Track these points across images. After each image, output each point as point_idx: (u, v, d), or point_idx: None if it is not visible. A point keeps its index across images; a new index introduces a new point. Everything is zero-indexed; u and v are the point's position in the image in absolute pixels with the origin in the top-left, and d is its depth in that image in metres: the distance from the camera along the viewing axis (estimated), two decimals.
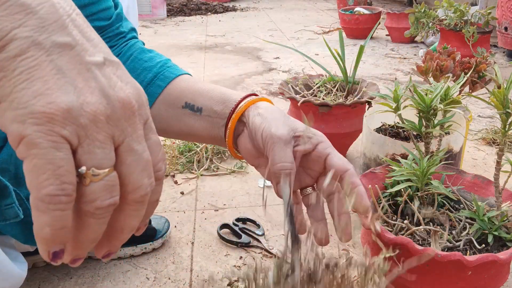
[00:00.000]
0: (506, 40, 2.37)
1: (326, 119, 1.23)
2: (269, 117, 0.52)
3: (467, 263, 0.62)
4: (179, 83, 0.63)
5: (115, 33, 0.66)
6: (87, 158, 0.28)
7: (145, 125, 0.32)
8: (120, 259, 0.92)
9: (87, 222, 0.29)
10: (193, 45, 2.93)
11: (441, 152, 0.78)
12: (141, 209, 0.31)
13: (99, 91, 0.29)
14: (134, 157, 0.30)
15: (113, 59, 0.31)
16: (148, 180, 0.31)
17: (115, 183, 0.29)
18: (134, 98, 0.31)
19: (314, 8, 4.46)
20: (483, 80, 1.07)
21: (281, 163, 0.49)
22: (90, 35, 0.31)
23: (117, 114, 0.29)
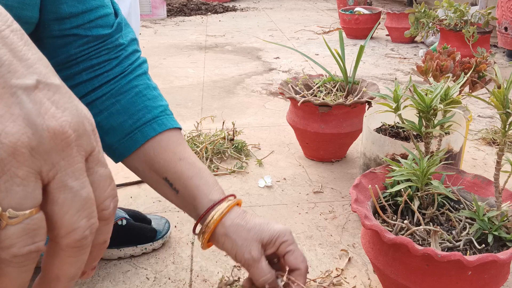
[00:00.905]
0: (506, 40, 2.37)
1: (326, 119, 1.23)
2: (237, 240, 0.58)
3: (467, 263, 0.62)
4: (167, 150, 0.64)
5: (114, 45, 0.64)
6: (4, 197, 0.24)
7: (90, 157, 0.28)
8: (120, 259, 0.92)
9: (5, 271, 0.25)
10: (193, 45, 2.93)
11: (441, 152, 0.78)
12: (79, 255, 0.28)
13: (23, 119, 0.25)
14: (68, 195, 0.26)
15: (50, 81, 0.27)
16: (86, 221, 0.27)
17: (38, 226, 0.25)
18: (71, 127, 0.27)
19: (314, 8, 4.46)
20: (483, 80, 1.07)
21: (262, 279, 0.57)
22: (25, 54, 0.27)
23: (45, 146, 0.25)
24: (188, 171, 0.63)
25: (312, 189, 1.19)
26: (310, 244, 0.97)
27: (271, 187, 1.21)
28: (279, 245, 0.59)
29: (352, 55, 2.50)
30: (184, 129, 1.52)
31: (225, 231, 0.59)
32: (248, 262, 0.57)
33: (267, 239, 0.58)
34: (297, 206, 1.12)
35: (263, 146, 1.45)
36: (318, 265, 0.91)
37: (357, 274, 0.88)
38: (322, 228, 1.03)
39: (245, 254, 0.57)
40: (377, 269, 0.75)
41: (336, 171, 1.29)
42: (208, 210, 0.60)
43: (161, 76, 2.17)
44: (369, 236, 0.76)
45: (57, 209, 0.26)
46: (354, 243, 0.97)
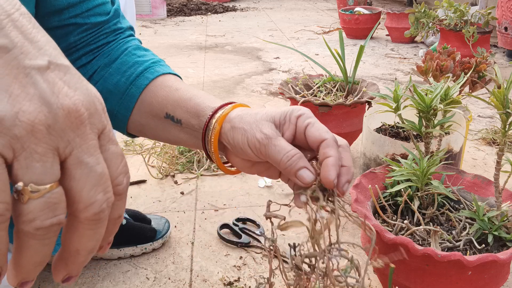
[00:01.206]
0: (506, 40, 2.37)
1: (326, 119, 1.23)
2: (246, 127, 0.49)
3: (467, 263, 0.62)
4: (163, 87, 0.61)
5: (112, 29, 0.66)
6: (24, 173, 0.25)
7: (101, 135, 0.29)
8: (120, 259, 0.92)
9: (28, 243, 0.27)
10: (193, 45, 2.93)
11: (441, 152, 0.78)
12: (97, 228, 0.28)
13: (38, 98, 0.26)
14: (84, 171, 0.27)
15: (61, 62, 0.28)
16: (103, 195, 0.28)
17: (58, 200, 0.26)
18: (83, 105, 0.28)
19: (314, 8, 4.46)
20: (483, 80, 1.07)
21: (285, 155, 0.46)
22: (35, 37, 0.28)
23: (61, 124, 0.26)
24: (185, 95, 0.58)
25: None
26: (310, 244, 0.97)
27: (271, 187, 1.21)
28: (296, 120, 0.48)
29: (352, 55, 2.50)
30: None
31: (231, 125, 0.51)
32: (263, 142, 0.47)
33: (279, 117, 0.48)
34: None
35: None
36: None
37: None
38: None
39: (257, 134, 0.47)
40: (377, 269, 0.75)
41: None
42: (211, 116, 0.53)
43: None
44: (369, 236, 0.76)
45: (75, 184, 0.27)
46: (354, 243, 0.97)
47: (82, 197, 0.27)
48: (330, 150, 0.45)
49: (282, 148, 0.46)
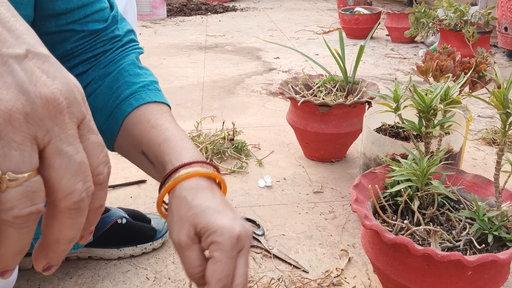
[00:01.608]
0: (506, 40, 2.37)
1: (326, 119, 1.23)
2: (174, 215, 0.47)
3: (467, 263, 0.62)
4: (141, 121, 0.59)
5: (109, 37, 0.64)
6: (2, 161, 0.25)
7: (81, 124, 0.29)
8: (120, 259, 0.92)
9: (7, 232, 0.26)
10: (193, 45, 2.93)
11: (441, 152, 0.78)
12: (77, 218, 0.28)
13: (16, 86, 0.26)
14: (63, 160, 0.27)
15: (39, 51, 0.28)
16: (82, 185, 0.28)
17: (37, 189, 0.26)
18: (62, 94, 0.28)
19: (314, 8, 4.46)
20: (483, 80, 1.07)
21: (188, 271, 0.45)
22: (13, 25, 0.28)
23: (39, 112, 0.26)
24: (158, 138, 0.56)
25: (312, 189, 1.19)
26: (310, 244, 0.97)
27: (271, 187, 1.21)
28: (209, 243, 0.44)
29: (352, 55, 2.50)
30: (184, 129, 1.52)
31: (170, 202, 0.49)
32: (175, 246, 0.46)
33: (200, 228, 0.45)
34: (297, 206, 1.12)
35: (263, 146, 1.45)
36: (318, 265, 0.91)
37: (357, 274, 0.88)
38: (322, 228, 1.03)
39: (174, 234, 0.46)
40: (377, 269, 0.75)
41: (336, 171, 1.29)
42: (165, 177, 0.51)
43: (161, 76, 2.17)
44: (369, 236, 0.76)
45: (54, 173, 0.27)
46: (354, 243, 0.97)
47: (61, 186, 0.27)
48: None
49: (189, 261, 0.45)
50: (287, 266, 0.90)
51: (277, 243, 0.97)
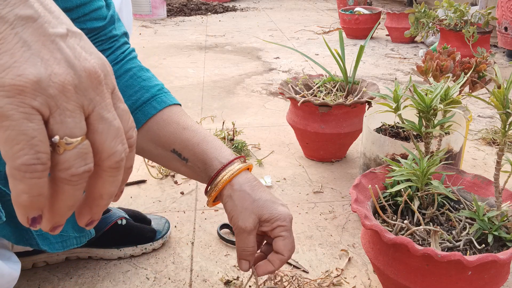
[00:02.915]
0: (506, 40, 2.37)
1: (326, 119, 1.23)
2: (239, 205, 0.60)
3: (467, 263, 0.62)
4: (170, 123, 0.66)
5: (108, 36, 0.66)
6: (59, 127, 0.29)
7: (112, 94, 0.33)
8: (120, 259, 0.92)
9: (63, 189, 0.30)
10: (193, 45, 2.93)
11: (441, 152, 0.78)
12: (117, 175, 0.32)
13: (65, 62, 0.29)
14: (105, 125, 0.31)
15: (75, 30, 0.32)
16: (121, 146, 0.32)
17: (88, 150, 0.30)
18: (99, 68, 0.31)
19: (314, 8, 4.46)
20: (483, 80, 1.07)
21: (244, 250, 0.60)
22: (51, 7, 0.31)
23: (84, 84, 0.30)
24: (193, 138, 0.64)
25: (312, 189, 1.19)
26: (310, 244, 0.97)
27: (271, 187, 1.21)
28: (275, 227, 0.60)
29: (352, 55, 2.50)
30: None
31: (230, 194, 0.61)
32: (240, 230, 0.59)
33: (266, 217, 0.60)
34: (297, 206, 1.12)
35: (263, 146, 1.45)
36: (318, 265, 0.91)
37: (357, 274, 0.88)
38: (322, 228, 1.03)
39: (240, 222, 0.59)
40: (377, 269, 0.75)
41: (336, 171, 1.29)
42: (218, 171, 0.62)
43: (161, 76, 2.17)
44: (369, 236, 0.76)
45: (98, 137, 0.31)
46: (354, 243, 0.97)
47: (105, 148, 0.31)
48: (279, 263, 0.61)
49: (248, 243, 0.60)
50: (287, 266, 0.90)
51: None
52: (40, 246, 0.69)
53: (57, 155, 0.29)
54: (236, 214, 0.60)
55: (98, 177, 0.32)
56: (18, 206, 0.29)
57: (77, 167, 0.29)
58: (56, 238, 0.72)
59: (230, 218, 0.61)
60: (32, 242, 0.68)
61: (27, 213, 0.29)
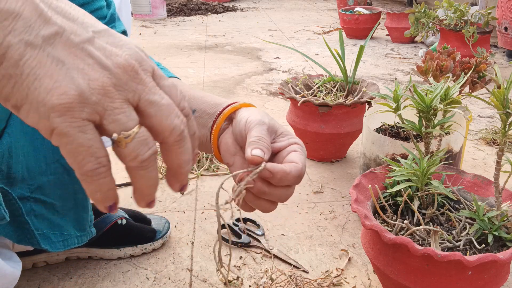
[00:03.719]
0: (506, 40, 2.37)
1: (326, 119, 1.23)
2: (256, 113, 0.54)
3: (467, 263, 0.62)
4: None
5: None
6: (114, 126, 0.31)
7: (154, 75, 0.34)
8: (120, 259, 0.92)
9: (140, 174, 0.33)
10: (193, 45, 2.93)
11: (441, 152, 0.78)
12: (185, 145, 0.35)
13: (98, 65, 0.31)
14: (156, 107, 0.33)
15: (100, 28, 0.33)
16: (178, 119, 0.34)
17: (146, 136, 0.32)
18: (132, 58, 0.32)
19: (314, 8, 4.46)
20: (483, 80, 1.07)
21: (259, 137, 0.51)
22: (74, 15, 0.32)
23: (123, 79, 0.31)
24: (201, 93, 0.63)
25: (312, 189, 1.19)
26: (310, 244, 0.97)
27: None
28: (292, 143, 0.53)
29: (352, 55, 2.50)
30: None
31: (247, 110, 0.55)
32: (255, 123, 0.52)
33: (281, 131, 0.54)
34: (297, 206, 1.12)
35: None
36: (318, 265, 0.91)
37: (357, 274, 0.88)
38: (322, 228, 1.03)
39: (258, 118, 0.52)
40: (377, 269, 0.75)
41: (336, 171, 1.29)
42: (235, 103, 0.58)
43: None
44: (369, 236, 0.76)
45: (154, 119, 0.33)
46: (354, 243, 0.97)
47: (164, 127, 0.33)
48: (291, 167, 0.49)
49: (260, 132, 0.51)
50: (287, 266, 0.90)
51: (277, 243, 0.97)
52: (42, 245, 0.69)
53: (121, 149, 0.32)
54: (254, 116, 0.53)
55: (170, 152, 0.34)
56: (95, 201, 0.33)
57: (142, 154, 0.32)
58: (58, 237, 0.72)
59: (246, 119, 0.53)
60: (34, 242, 0.68)
61: (104, 205, 0.33)
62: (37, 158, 0.67)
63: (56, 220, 0.72)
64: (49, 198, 0.70)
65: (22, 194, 0.66)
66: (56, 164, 0.70)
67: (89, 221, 0.79)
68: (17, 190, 0.65)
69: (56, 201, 0.71)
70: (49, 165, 0.69)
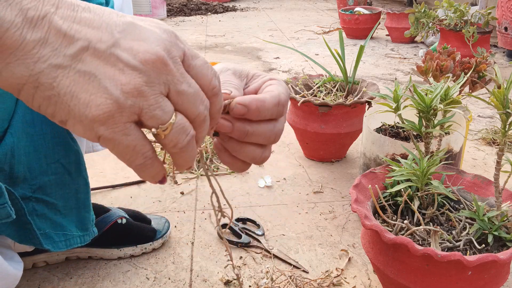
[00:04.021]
0: (506, 40, 2.37)
1: (326, 119, 1.23)
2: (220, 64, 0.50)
3: (467, 263, 0.62)
4: None
5: None
6: (152, 122, 0.33)
7: (184, 57, 0.35)
8: (120, 259, 0.92)
9: (182, 155, 0.36)
10: (193, 45, 2.92)
11: (441, 152, 0.78)
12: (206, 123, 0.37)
13: (127, 67, 0.32)
14: (183, 97, 0.34)
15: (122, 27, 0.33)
16: (202, 106, 0.35)
17: (183, 123, 0.34)
18: (159, 49, 0.33)
19: (314, 8, 4.46)
20: (483, 80, 1.07)
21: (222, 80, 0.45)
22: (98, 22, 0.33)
23: (153, 75, 0.32)
24: None
25: (312, 189, 1.19)
26: (310, 244, 0.97)
27: (271, 187, 1.21)
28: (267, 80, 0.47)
29: (352, 55, 2.50)
30: None
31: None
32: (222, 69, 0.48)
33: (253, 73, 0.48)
34: (297, 206, 1.12)
35: None
36: (318, 265, 0.91)
37: (357, 274, 0.88)
38: (322, 228, 1.03)
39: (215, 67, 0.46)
40: (377, 269, 0.75)
41: (336, 171, 1.29)
42: None
43: None
44: (369, 236, 0.76)
45: (182, 107, 0.34)
46: (354, 243, 0.97)
47: (190, 114, 0.35)
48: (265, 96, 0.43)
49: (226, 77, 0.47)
50: (287, 266, 0.90)
51: (277, 243, 0.97)
52: (44, 245, 0.69)
53: (162, 140, 0.34)
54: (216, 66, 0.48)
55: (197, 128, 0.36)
56: (149, 181, 0.36)
57: (182, 141, 0.34)
58: (60, 237, 0.72)
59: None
60: (36, 241, 0.69)
61: (154, 182, 0.37)
62: (38, 158, 0.68)
63: (58, 220, 0.72)
64: (50, 198, 0.70)
65: (24, 194, 0.67)
66: (57, 164, 0.70)
67: (91, 220, 0.79)
68: (19, 190, 0.66)
69: (58, 201, 0.71)
70: (50, 165, 0.69)
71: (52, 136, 0.68)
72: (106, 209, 0.94)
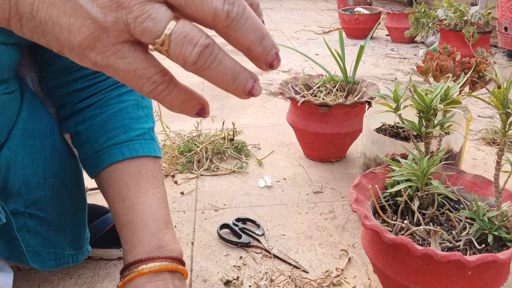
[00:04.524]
0: (506, 40, 2.37)
1: (326, 119, 1.23)
2: None
3: (467, 263, 0.62)
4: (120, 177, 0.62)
5: None
6: (145, 37, 0.27)
7: None
8: (120, 259, 0.92)
9: (207, 74, 0.28)
10: None
11: (441, 152, 0.78)
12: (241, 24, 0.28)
13: None
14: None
15: None
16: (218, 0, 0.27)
17: (184, 31, 0.27)
18: None
19: (314, 8, 4.46)
20: (483, 80, 1.07)
21: None
22: None
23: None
24: (122, 217, 0.61)
25: (312, 189, 1.19)
26: (310, 244, 0.97)
27: (271, 187, 1.21)
28: None
29: (352, 55, 2.50)
30: (184, 129, 1.52)
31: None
32: None
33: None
34: (297, 206, 1.12)
35: (263, 146, 1.45)
36: (318, 265, 0.91)
37: (357, 274, 0.88)
38: (322, 228, 1.03)
39: None
40: (377, 269, 0.75)
41: (336, 171, 1.29)
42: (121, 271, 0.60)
43: None
44: (369, 236, 0.76)
45: (189, 11, 0.27)
46: (354, 243, 0.97)
47: (203, 16, 0.27)
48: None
49: None
50: (287, 266, 0.90)
51: (277, 243, 0.97)
52: (30, 263, 0.66)
53: (168, 56, 0.28)
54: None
55: (228, 38, 0.29)
56: (177, 112, 0.29)
57: (190, 54, 0.27)
58: (50, 255, 0.69)
59: None
60: (22, 258, 0.65)
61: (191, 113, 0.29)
62: (35, 172, 0.64)
63: (51, 237, 0.68)
64: (44, 214, 0.66)
65: (16, 208, 0.63)
66: (54, 178, 0.67)
67: (86, 239, 0.77)
68: (11, 204, 0.62)
69: (52, 217, 0.68)
70: (47, 180, 0.66)
71: (52, 149, 0.65)
72: (106, 210, 0.94)
